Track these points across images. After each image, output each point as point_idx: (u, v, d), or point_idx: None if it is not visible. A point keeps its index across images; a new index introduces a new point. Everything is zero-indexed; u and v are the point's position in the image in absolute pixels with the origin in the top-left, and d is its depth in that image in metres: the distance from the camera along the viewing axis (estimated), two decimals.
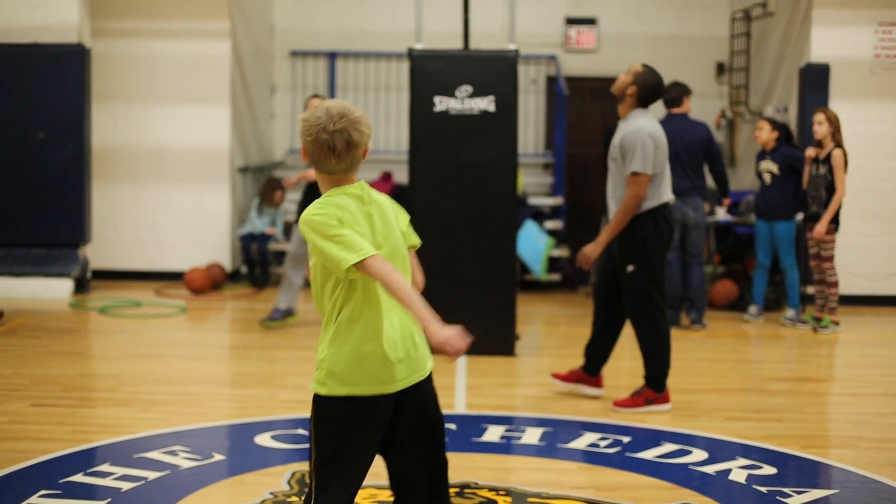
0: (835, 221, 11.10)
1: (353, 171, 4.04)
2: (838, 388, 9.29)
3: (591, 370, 8.24)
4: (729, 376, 9.37)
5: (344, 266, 3.79)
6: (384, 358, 3.93)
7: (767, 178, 11.59)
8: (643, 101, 7.94)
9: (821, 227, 11.02)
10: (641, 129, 7.75)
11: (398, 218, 4.14)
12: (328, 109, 3.94)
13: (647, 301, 7.77)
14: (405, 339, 4.03)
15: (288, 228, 14.38)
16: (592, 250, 7.81)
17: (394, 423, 3.99)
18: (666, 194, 7.81)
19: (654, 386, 7.85)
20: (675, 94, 11.43)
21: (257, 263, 13.89)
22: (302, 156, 4.05)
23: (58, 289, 12.55)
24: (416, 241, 4.22)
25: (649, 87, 7.94)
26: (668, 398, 7.91)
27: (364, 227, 3.93)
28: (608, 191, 7.92)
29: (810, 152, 11.28)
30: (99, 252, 13.51)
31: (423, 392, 4.08)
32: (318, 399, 3.95)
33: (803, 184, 11.39)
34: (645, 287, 7.74)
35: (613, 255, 7.90)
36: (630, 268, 7.73)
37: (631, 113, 7.95)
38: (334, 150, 3.91)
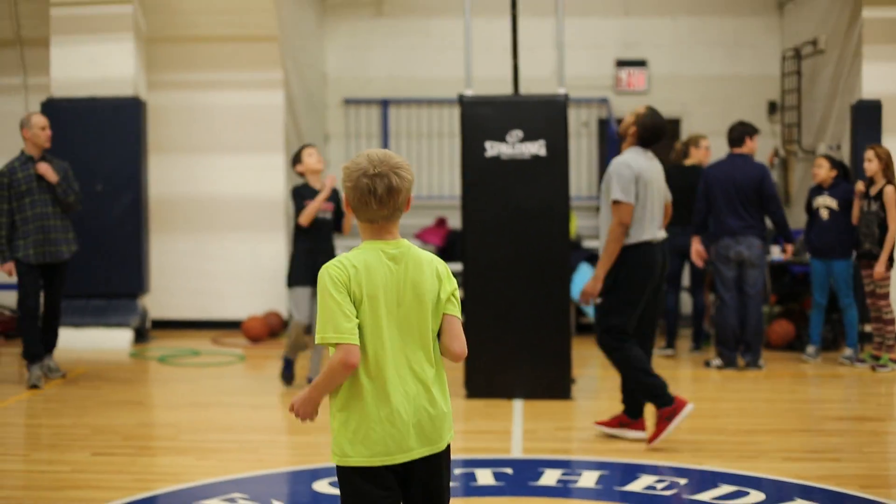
0: (890, 258, 11.04)
1: (395, 221, 4.00)
2: None
3: (632, 413, 8.26)
4: (786, 416, 9.30)
5: (317, 339, 3.85)
6: (393, 427, 3.90)
7: (825, 213, 11.55)
8: (643, 141, 8.16)
9: (880, 268, 10.97)
10: (622, 160, 8.02)
11: (442, 285, 4.04)
12: (369, 155, 3.93)
13: (610, 332, 8.00)
14: (418, 410, 3.95)
15: None
16: (592, 287, 7.94)
17: (403, 491, 3.99)
18: (648, 233, 7.98)
19: (660, 402, 7.89)
20: (737, 134, 11.47)
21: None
22: (344, 206, 4.04)
23: (118, 339, 12.69)
24: (454, 311, 4.08)
25: (649, 128, 8.13)
26: (643, 426, 8.19)
27: (376, 292, 3.89)
28: (601, 226, 8.18)
29: (859, 186, 11.26)
30: (157, 302, 13.66)
31: (433, 467, 4.01)
32: (336, 466, 3.97)
33: (853, 219, 11.35)
34: (610, 320, 7.99)
35: None
36: (598, 300, 8.01)
37: (626, 150, 8.11)
38: (375, 195, 3.88)
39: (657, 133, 8.16)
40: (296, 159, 10.32)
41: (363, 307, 3.89)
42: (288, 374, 10.36)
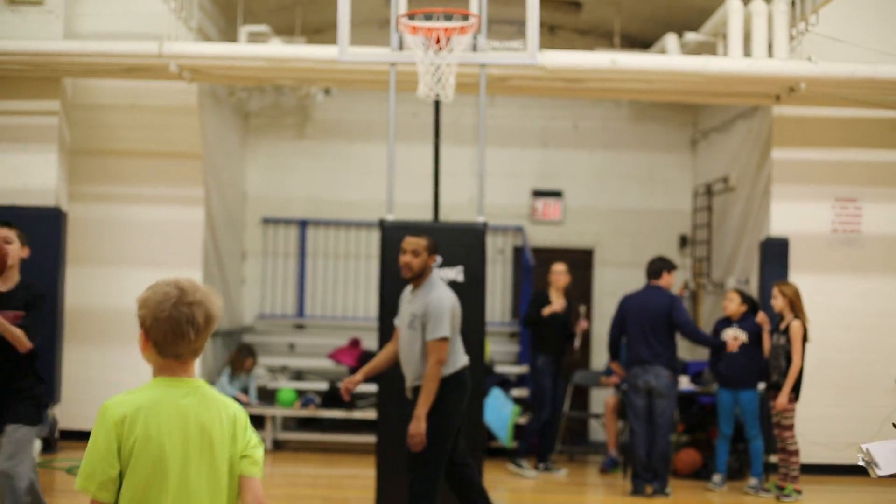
0: (795, 391, 11.33)
1: (195, 360, 3.67)
2: None
3: None
4: None
5: (77, 485, 3.57)
6: None
7: (734, 346, 11.85)
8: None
9: (782, 399, 11.24)
10: (444, 297, 8.22)
11: (238, 436, 3.67)
12: (178, 283, 3.61)
13: None
14: None
15: (261, 393, 14.51)
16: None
17: None
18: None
19: None
20: (656, 267, 11.86)
21: None
22: (141, 342, 3.62)
23: None
24: (254, 471, 3.69)
25: (435, 250, 8.45)
26: None
27: (159, 438, 3.52)
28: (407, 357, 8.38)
29: (760, 317, 11.65)
30: (68, 412, 13.53)
31: None
32: None
33: (765, 352, 11.67)
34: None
35: None
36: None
37: (427, 280, 8.35)
38: (194, 325, 3.55)
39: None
40: None
41: (136, 456, 3.52)
42: None
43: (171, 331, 3.54)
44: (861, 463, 5.56)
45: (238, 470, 3.65)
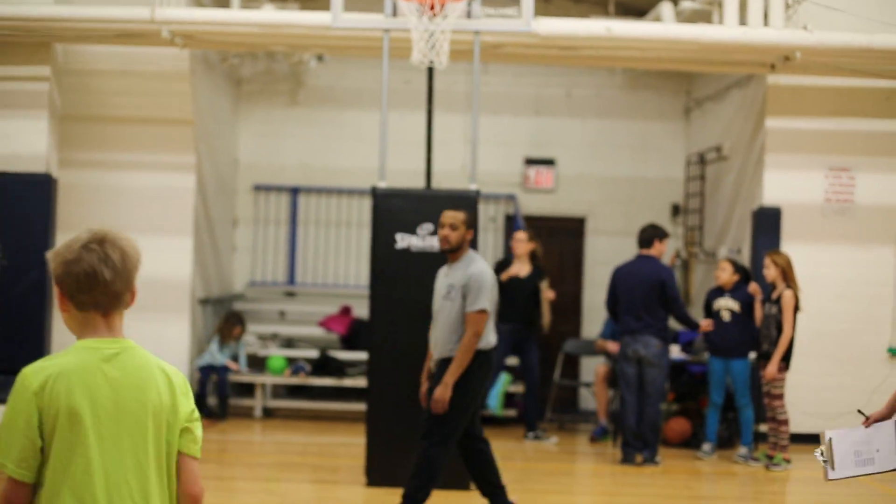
0: (785, 360, 11.35)
1: (120, 312, 3.36)
2: None
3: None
4: None
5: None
6: None
7: (726, 315, 11.85)
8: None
9: (771, 367, 11.25)
10: (484, 271, 8.31)
11: (177, 402, 3.34)
12: (88, 229, 3.35)
13: None
14: None
15: (251, 360, 14.51)
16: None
17: None
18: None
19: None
20: (647, 235, 11.85)
21: (211, 394, 13.93)
22: (59, 303, 3.33)
23: None
24: (193, 449, 3.40)
25: (474, 224, 8.70)
26: None
27: (79, 407, 3.18)
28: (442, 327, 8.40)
29: (752, 287, 11.65)
30: None
31: None
32: None
33: (756, 321, 11.67)
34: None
35: None
36: None
37: (466, 255, 8.40)
38: (108, 264, 3.27)
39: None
40: None
41: (60, 428, 3.18)
42: None
43: (84, 273, 3.23)
44: (819, 458, 5.51)
45: (176, 445, 3.34)
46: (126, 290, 3.31)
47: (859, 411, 5.93)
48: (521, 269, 13.20)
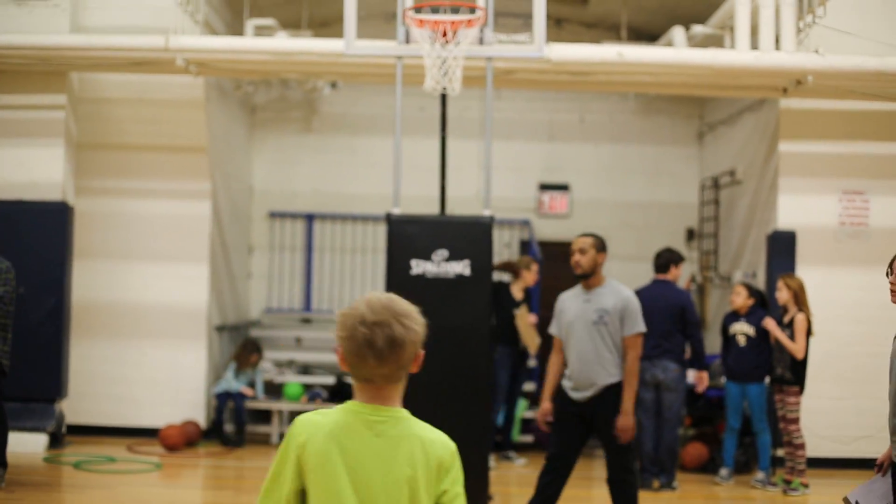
0: (800, 384, 11.34)
1: (396, 384, 3.39)
2: None
3: None
4: None
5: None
6: None
7: (742, 340, 11.84)
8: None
9: (772, 324, 11.39)
10: (631, 293, 8.35)
11: (437, 480, 3.32)
12: (368, 301, 3.35)
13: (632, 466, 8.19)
14: None
15: (268, 387, 14.52)
16: (627, 422, 8.10)
17: None
18: None
19: None
20: (663, 260, 11.87)
21: (228, 421, 13.94)
22: (339, 361, 3.43)
23: (32, 443, 12.56)
24: None
25: (605, 248, 8.47)
26: None
27: (335, 469, 3.27)
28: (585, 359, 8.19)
29: (767, 322, 11.61)
30: (75, 407, 13.55)
31: None
32: None
33: (774, 345, 11.67)
34: (630, 454, 8.16)
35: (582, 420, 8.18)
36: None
37: (608, 281, 8.30)
38: (373, 349, 3.28)
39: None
40: None
41: (315, 485, 3.29)
42: None
43: (353, 352, 3.31)
44: None
45: None
46: (397, 369, 3.34)
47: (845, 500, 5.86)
48: (518, 293, 13.32)
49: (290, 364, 15.32)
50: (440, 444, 3.35)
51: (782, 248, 13.16)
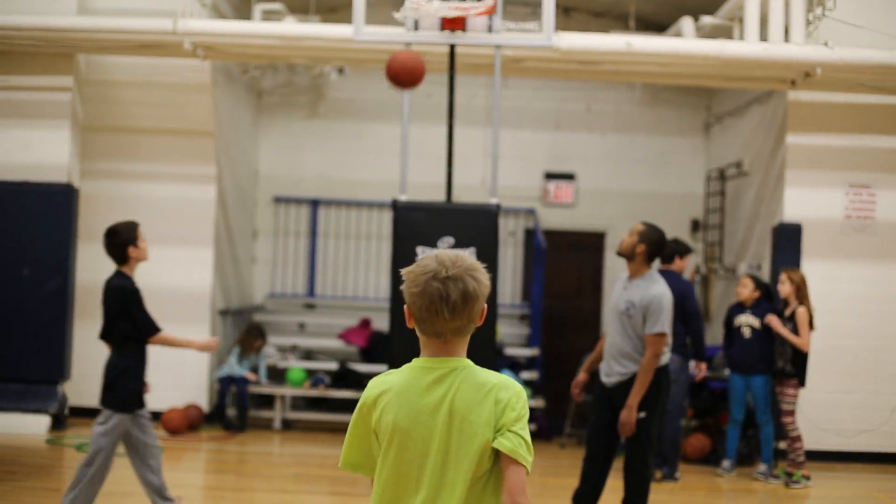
0: (800, 377, 11.35)
1: (464, 337, 3.43)
2: None
3: None
4: None
5: (340, 465, 3.54)
6: None
7: (747, 331, 11.83)
8: (651, 256, 8.18)
9: (776, 321, 11.35)
10: (665, 291, 8.06)
11: (498, 417, 3.34)
12: (438, 256, 3.40)
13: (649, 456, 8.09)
14: None
15: (271, 372, 14.51)
16: (629, 416, 8.00)
17: None
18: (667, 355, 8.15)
19: None
20: (668, 251, 11.80)
21: (231, 406, 13.94)
22: (406, 317, 3.46)
23: (35, 425, 12.57)
24: (508, 444, 3.35)
25: (655, 243, 8.19)
26: None
27: (405, 423, 3.35)
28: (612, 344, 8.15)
29: (771, 319, 11.58)
30: (77, 389, 13.54)
31: None
32: None
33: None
34: (650, 445, 8.06)
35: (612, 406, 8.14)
36: (642, 414, 7.99)
37: (648, 273, 8.13)
38: (448, 303, 3.31)
39: (662, 245, 8.29)
40: (129, 240, 8.18)
41: (386, 443, 3.40)
42: None
43: (426, 307, 3.33)
44: None
45: (491, 453, 3.35)
46: (468, 322, 3.39)
47: None
48: None
49: (293, 349, 15.31)
50: (502, 385, 3.37)
51: (788, 241, 13.14)
